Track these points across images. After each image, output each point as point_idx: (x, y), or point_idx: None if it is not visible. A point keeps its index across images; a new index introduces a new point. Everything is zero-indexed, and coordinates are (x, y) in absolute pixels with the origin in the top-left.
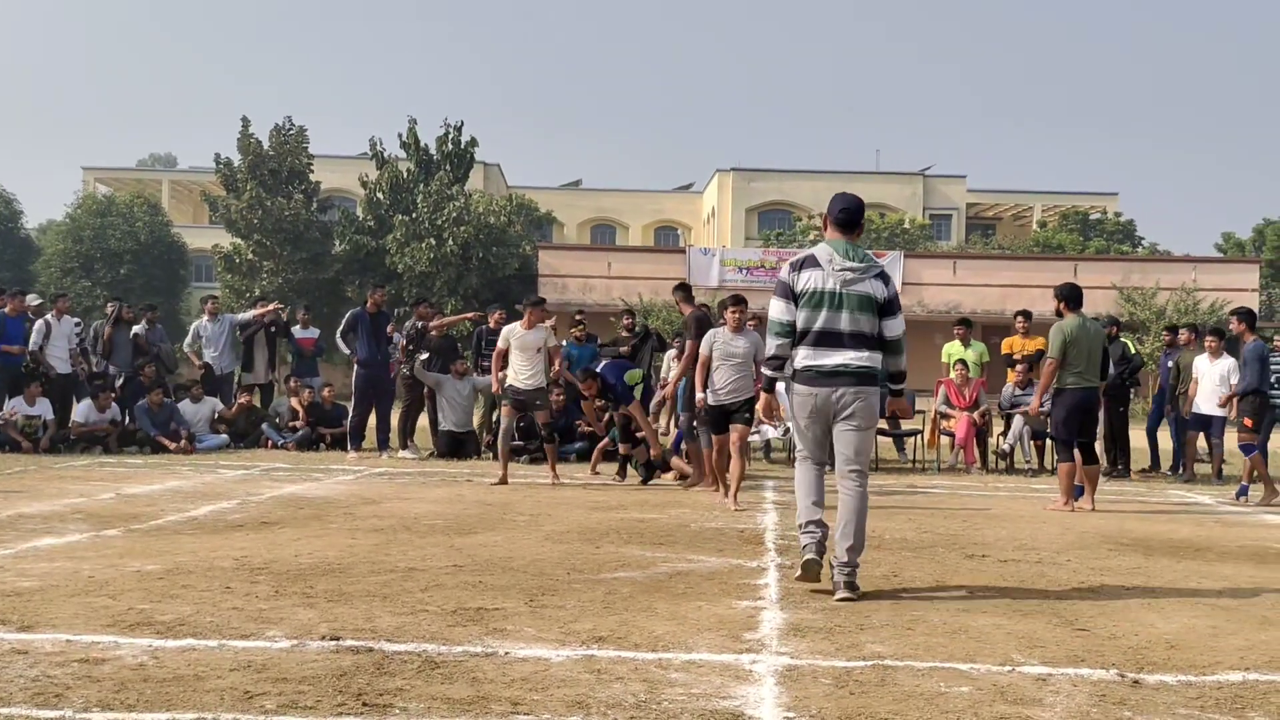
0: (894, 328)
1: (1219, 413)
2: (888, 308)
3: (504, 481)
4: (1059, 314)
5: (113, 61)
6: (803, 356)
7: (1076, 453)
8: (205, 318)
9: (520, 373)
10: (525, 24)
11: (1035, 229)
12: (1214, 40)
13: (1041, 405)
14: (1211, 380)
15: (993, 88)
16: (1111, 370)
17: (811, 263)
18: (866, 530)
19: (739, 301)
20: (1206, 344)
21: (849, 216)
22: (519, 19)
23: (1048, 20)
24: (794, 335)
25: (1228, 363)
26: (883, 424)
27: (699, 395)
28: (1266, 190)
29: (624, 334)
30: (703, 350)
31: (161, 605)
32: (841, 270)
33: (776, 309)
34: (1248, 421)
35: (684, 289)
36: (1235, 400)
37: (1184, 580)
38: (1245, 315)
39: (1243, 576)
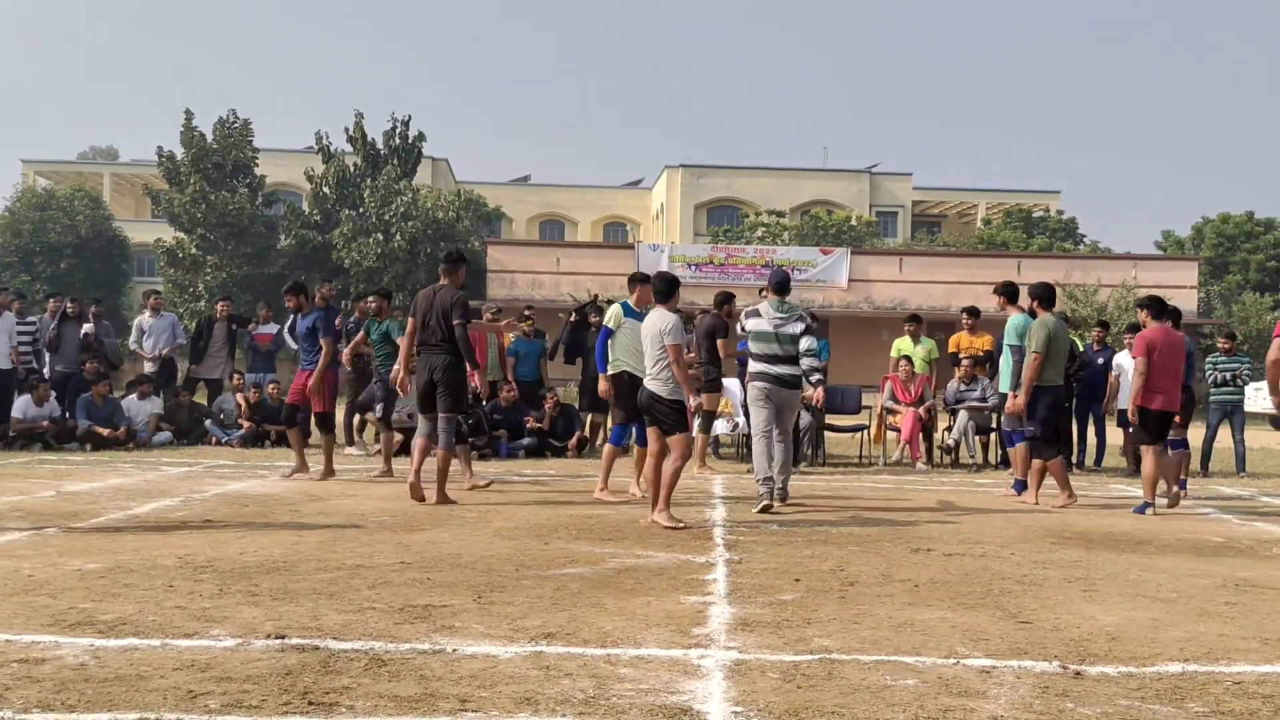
0: (804, 343)
1: None
2: (804, 334)
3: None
4: (1032, 312)
5: (53, 52)
6: (758, 369)
7: (1023, 446)
8: (147, 312)
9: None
10: (474, 19)
11: (979, 226)
12: (1154, 44)
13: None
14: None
15: (938, 87)
16: None
17: (756, 314)
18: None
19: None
20: (1125, 341)
21: (781, 285)
22: (468, 13)
23: (992, 22)
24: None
25: None
26: (834, 420)
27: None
28: (1205, 189)
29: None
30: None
31: (103, 604)
32: (774, 318)
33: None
34: (1178, 418)
35: (452, 258)
36: None
37: (1124, 573)
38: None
39: (1181, 569)
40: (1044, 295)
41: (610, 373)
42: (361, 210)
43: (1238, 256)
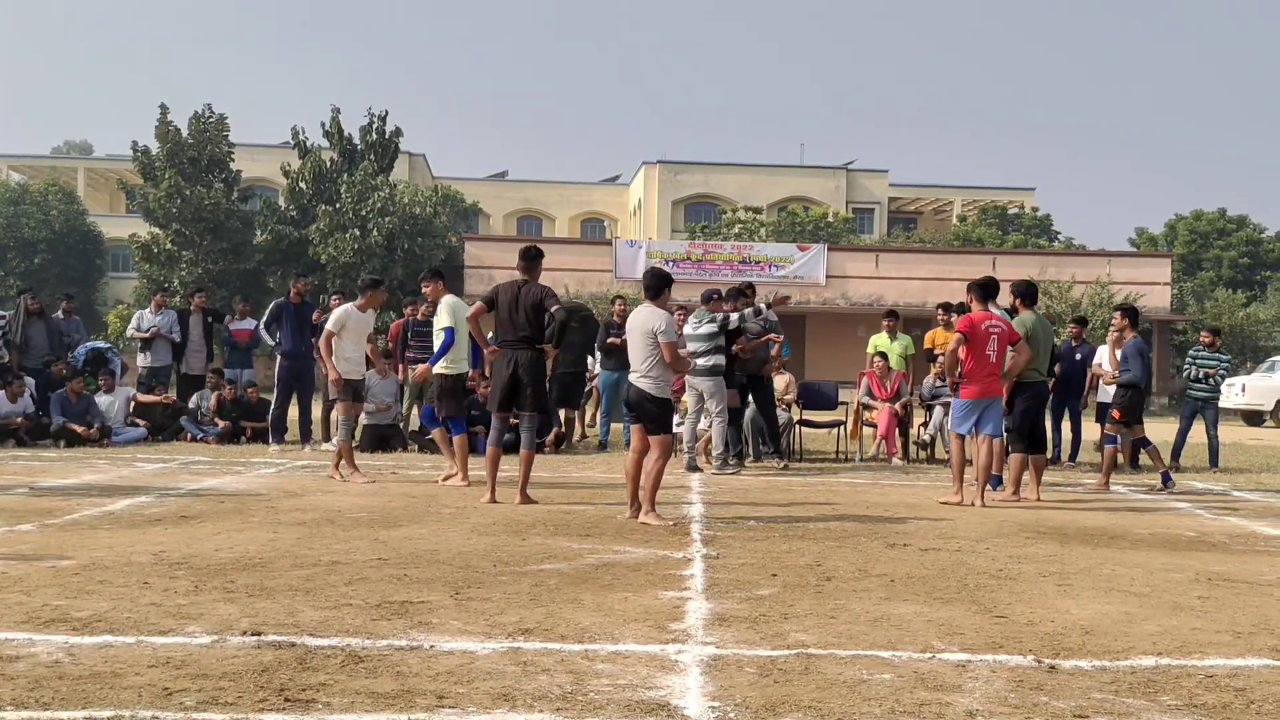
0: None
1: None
2: (721, 331)
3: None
4: (1013, 310)
5: (27, 46)
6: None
7: (998, 442)
8: (151, 308)
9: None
10: (452, 14)
11: (955, 223)
12: (1127, 42)
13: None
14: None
15: (914, 85)
16: None
17: (687, 321)
18: (794, 523)
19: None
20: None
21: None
22: (446, 9)
23: (967, 21)
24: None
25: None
26: (811, 416)
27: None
28: (1178, 187)
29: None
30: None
31: (77, 601)
32: (692, 323)
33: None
34: (1115, 414)
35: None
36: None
37: (1098, 567)
38: (1129, 312)
39: (1155, 563)
40: (1026, 293)
41: (453, 373)
42: (338, 206)
43: (1210, 253)
